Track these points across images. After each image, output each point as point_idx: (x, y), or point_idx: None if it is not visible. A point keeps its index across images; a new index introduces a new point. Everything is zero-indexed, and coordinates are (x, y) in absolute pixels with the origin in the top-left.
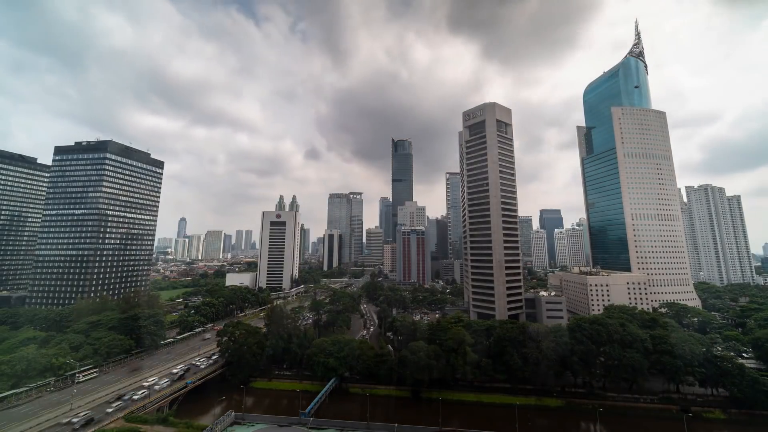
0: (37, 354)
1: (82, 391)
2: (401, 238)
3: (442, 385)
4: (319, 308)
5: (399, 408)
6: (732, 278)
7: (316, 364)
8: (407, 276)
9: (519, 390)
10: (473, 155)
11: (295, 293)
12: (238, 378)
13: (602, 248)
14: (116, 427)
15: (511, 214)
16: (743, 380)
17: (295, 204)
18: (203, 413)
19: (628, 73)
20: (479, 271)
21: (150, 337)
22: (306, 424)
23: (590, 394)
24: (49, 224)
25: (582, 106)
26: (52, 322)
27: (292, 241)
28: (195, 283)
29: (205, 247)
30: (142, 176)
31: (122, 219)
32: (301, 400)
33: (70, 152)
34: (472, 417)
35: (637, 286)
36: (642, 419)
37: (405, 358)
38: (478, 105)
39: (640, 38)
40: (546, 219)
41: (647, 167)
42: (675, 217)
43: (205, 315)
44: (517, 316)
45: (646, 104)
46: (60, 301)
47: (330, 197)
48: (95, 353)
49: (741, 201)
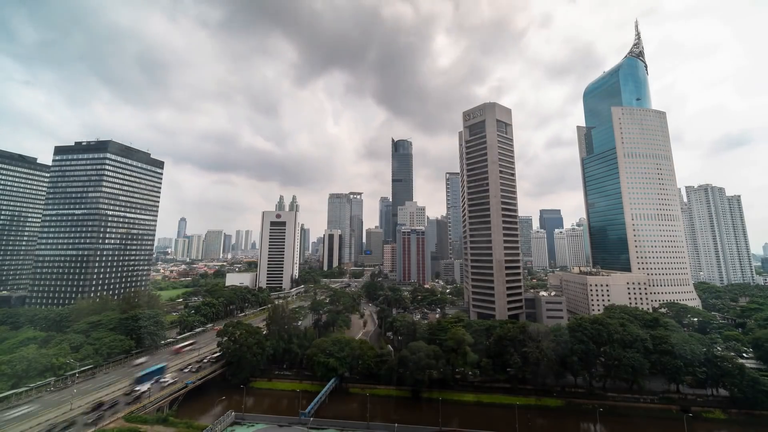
0: (37, 354)
1: (82, 391)
2: (401, 238)
3: (442, 385)
4: (319, 308)
5: (399, 408)
6: (732, 278)
7: (316, 364)
8: (407, 276)
9: (519, 390)
10: (473, 155)
11: (295, 293)
12: (238, 378)
13: (602, 248)
14: (116, 427)
15: (511, 214)
16: (743, 380)
17: (295, 204)
18: (203, 413)
19: (628, 72)
20: (479, 271)
21: (150, 337)
22: (306, 424)
23: (590, 394)
24: (49, 224)
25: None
26: (52, 322)
27: (292, 241)
28: (195, 283)
29: (205, 247)
30: (142, 176)
31: (122, 219)
32: (301, 400)
33: (70, 152)
34: (472, 417)
35: (637, 286)
36: (642, 419)
37: (405, 358)
38: (478, 105)
39: (640, 38)
40: (546, 219)
41: (647, 167)
42: (675, 217)
43: (205, 315)
44: (517, 316)
45: (646, 104)
46: (60, 301)
47: (330, 197)
48: (96, 353)
49: (741, 201)
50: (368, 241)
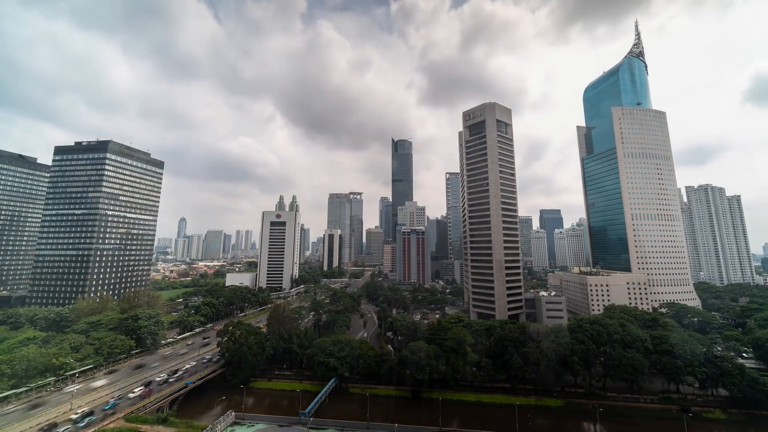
0: (37, 354)
1: (81, 391)
2: (401, 238)
3: (442, 385)
4: (319, 308)
5: (399, 408)
6: (732, 278)
7: (317, 364)
8: (407, 276)
9: (519, 390)
10: (473, 155)
11: (295, 293)
12: (238, 378)
13: (602, 248)
14: (116, 427)
15: (511, 214)
16: (743, 380)
17: (295, 204)
18: (203, 413)
19: (628, 72)
20: (479, 271)
21: (150, 337)
22: (306, 424)
23: (590, 394)
24: (49, 224)
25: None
26: (52, 322)
27: (292, 241)
28: (195, 283)
29: (205, 247)
30: (142, 176)
31: (122, 219)
32: (301, 400)
33: (70, 152)
34: (472, 417)
35: (637, 286)
36: (642, 419)
37: (405, 358)
38: (478, 105)
39: (640, 38)
40: (546, 219)
41: (647, 167)
42: (675, 217)
43: (205, 315)
44: (517, 316)
45: (646, 104)
46: (60, 301)
47: (330, 197)
48: (96, 353)
49: (741, 201)
50: (368, 241)
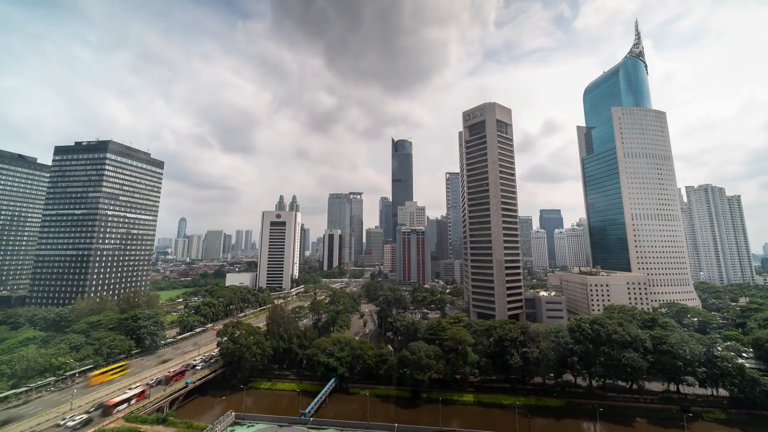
0: (37, 354)
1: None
2: (401, 238)
3: (442, 385)
4: (319, 308)
5: (399, 408)
6: (732, 278)
7: (316, 364)
8: (407, 276)
9: (519, 390)
10: (473, 155)
11: (295, 293)
12: (238, 378)
13: (602, 248)
14: (116, 427)
15: (511, 214)
16: (743, 380)
17: (295, 204)
18: (203, 413)
19: (628, 72)
20: (479, 271)
21: (150, 337)
22: (306, 424)
23: (590, 394)
24: (49, 224)
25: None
26: (52, 322)
27: (292, 241)
28: (195, 283)
29: (204, 247)
30: (142, 176)
31: (122, 219)
32: (301, 400)
33: (70, 152)
34: (472, 417)
35: (637, 286)
36: (642, 419)
37: (405, 358)
38: (478, 105)
39: (640, 38)
40: (546, 219)
41: (647, 167)
42: (675, 217)
43: (205, 315)
44: (517, 316)
45: (646, 104)
46: (60, 301)
47: (330, 197)
48: (96, 353)
49: (741, 201)
50: (368, 241)
